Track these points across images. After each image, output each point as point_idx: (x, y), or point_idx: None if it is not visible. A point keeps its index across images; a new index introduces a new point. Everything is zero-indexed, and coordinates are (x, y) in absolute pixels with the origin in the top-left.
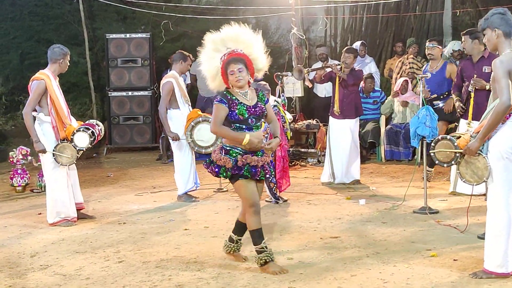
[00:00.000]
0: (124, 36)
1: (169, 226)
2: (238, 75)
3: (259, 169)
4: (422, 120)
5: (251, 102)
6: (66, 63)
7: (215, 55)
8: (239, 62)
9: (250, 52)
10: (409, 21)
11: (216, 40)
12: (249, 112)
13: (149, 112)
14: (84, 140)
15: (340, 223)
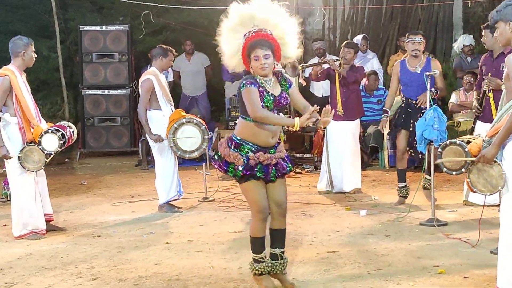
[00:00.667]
0: (99, 28)
1: (148, 240)
2: (264, 63)
3: (271, 168)
4: (429, 123)
5: (276, 92)
6: (30, 55)
7: (240, 30)
8: (266, 47)
9: (281, 37)
10: (416, 12)
11: (244, 14)
12: (275, 104)
13: (127, 112)
14: (53, 143)
15: (339, 236)
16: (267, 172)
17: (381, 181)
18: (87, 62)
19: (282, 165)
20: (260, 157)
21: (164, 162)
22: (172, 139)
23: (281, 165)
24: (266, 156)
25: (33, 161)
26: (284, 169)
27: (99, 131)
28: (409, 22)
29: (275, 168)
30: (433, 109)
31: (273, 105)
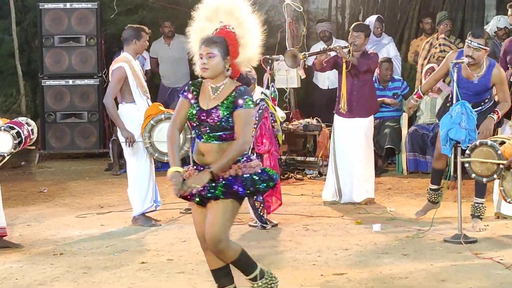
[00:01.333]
0: (63, 6)
1: (120, 259)
2: (204, 62)
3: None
4: (456, 120)
5: (210, 104)
6: None
7: (207, 26)
8: (213, 45)
9: (242, 34)
10: None
11: (210, 7)
12: (199, 118)
13: (95, 107)
14: (6, 144)
15: (347, 255)
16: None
17: (398, 190)
18: (48, 47)
19: (206, 188)
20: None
21: (139, 166)
22: (148, 140)
23: (205, 188)
24: (190, 171)
25: None
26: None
27: (62, 129)
28: (432, 0)
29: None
30: (460, 103)
31: (197, 119)
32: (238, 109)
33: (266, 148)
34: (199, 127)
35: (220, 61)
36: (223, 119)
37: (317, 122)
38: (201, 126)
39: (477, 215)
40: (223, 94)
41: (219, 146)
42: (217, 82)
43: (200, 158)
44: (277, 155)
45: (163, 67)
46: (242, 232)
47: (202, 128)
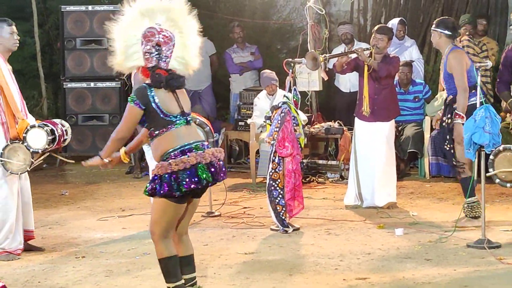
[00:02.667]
0: (85, 8)
1: (142, 262)
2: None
3: None
4: (480, 124)
5: None
6: (8, 39)
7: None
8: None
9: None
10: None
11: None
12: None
13: (117, 109)
14: (41, 140)
15: (370, 259)
16: None
17: (421, 194)
18: (70, 49)
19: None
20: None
21: None
22: None
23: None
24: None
25: (17, 161)
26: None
27: (83, 131)
28: (455, 3)
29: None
30: (484, 107)
31: None
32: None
33: (288, 152)
34: None
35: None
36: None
37: (339, 125)
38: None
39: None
40: None
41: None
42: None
43: None
44: (299, 159)
45: None
46: (264, 236)
47: None
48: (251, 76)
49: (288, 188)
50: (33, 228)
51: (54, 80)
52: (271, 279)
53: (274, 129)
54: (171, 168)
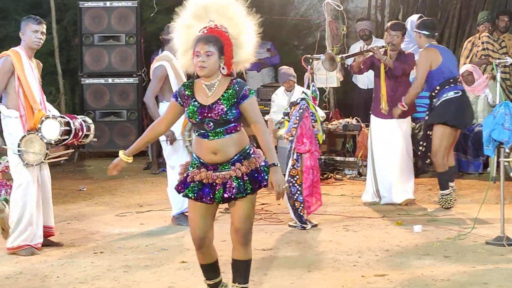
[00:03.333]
0: (103, 4)
1: (160, 258)
2: (203, 60)
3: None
4: (499, 121)
5: (209, 100)
6: (29, 35)
7: (195, 24)
8: (210, 43)
9: (237, 35)
10: None
11: (198, 5)
12: (201, 115)
13: (135, 105)
14: (54, 130)
15: (388, 256)
16: (204, 194)
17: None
18: (87, 45)
19: (231, 186)
20: (196, 175)
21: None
22: (188, 138)
23: (230, 186)
24: (205, 174)
25: (33, 152)
26: (232, 189)
27: (101, 127)
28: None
29: (223, 188)
30: (504, 104)
31: (199, 117)
32: (246, 100)
33: (306, 148)
34: (201, 125)
35: (216, 60)
36: (227, 112)
37: (356, 122)
38: (204, 123)
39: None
40: (221, 90)
41: (231, 139)
42: (210, 80)
43: (212, 158)
44: (317, 155)
45: None
46: (282, 232)
47: (206, 125)
48: (268, 72)
49: (306, 184)
50: (52, 224)
51: (71, 76)
52: (289, 275)
53: (292, 126)
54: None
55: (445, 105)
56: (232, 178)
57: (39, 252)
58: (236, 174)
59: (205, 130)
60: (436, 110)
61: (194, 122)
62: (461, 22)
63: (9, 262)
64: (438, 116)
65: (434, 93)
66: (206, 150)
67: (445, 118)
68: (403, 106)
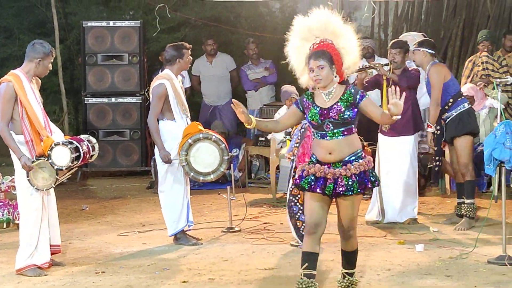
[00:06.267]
0: (106, 24)
1: (162, 277)
2: (317, 74)
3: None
4: (500, 140)
5: (328, 104)
6: (46, 65)
7: (304, 44)
8: (320, 58)
9: (341, 44)
10: (484, 7)
11: (302, 27)
12: (322, 116)
13: (138, 124)
14: (65, 157)
15: (390, 275)
16: (317, 185)
17: (441, 210)
18: (91, 65)
19: (340, 183)
20: (311, 169)
21: (173, 186)
22: (185, 157)
23: (340, 183)
24: (318, 168)
25: (42, 177)
26: (340, 187)
27: (104, 146)
28: (476, 18)
29: (334, 184)
30: (504, 123)
31: (320, 118)
32: (363, 100)
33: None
34: (321, 126)
35: (329, 70)
36: (345, 112)
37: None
38: (324, 124)
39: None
40: (337, 95)
41: (346, 140)
42: (327, 89)
43: (327, 157)
44: None
45: (205, 85)
46: (283, 251)
47: (325, 126)
48: (267, 92)
49: None
50: (59, 242)
51: (75, 95)
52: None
53: (294, 145)
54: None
55: (465, 115)
56: (342, 176)
57: (46, 273)
58: (346, 173)
59: (324, 131)
60: (456, 122)
61: (316, 123)
62: (464, 41)
63: (11, 282)
64: (463, 127)
65: (447, 107)
66: (322, 149)
67: (470, 128)
68: (430, 126)
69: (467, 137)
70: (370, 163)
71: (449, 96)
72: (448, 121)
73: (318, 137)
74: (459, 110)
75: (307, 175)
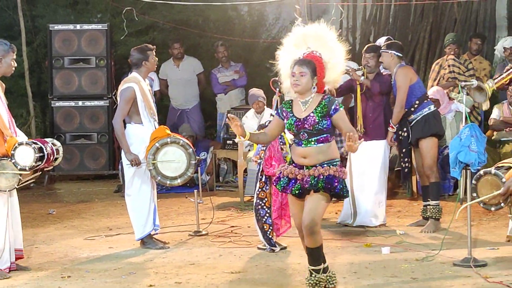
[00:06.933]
0: (73, 27)
1: (128, 281)
2: (296, 79)
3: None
4: (465, 143)
5: (303, 114)
6: (9, 63)
7: (295, 51)
8: (304, 65)
9: (329, 59)
10: (451, 10)
11: (297, 34)
12: (297, 126)
13: (105, 128)
14: (28, 157)
15: (356, 278)
16: (287, 187)
17: (408, 212)
18: (58, 68)
19: (306, 180)
20: (284, 171)
21: (140, 189)
22: (152, 161)
23: (306, 180)
24: (290, 170)
25: (5, 178)
26: (306, 183)
27: (71, 150)
28: (443, 21)
29: (300, 184)
30: (469, 126)
31: (295, 128)
32: (336, 112)
33: (275, 170)
34: (298, 135)
35: (309, 79)
36: (319, 123)
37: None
38: (300, 133)
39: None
40: (313, 104)
41: (320, 148)
42: (305, 97)
43: (301, 160)
44: None
45: (173, 89)
46: (250, 255)
47: (301, 135)
48: (236, 95)
49: (275, 207)
50: (22, 247)
51: (42, 98)
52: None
53: (261, 148)
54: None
55: (430, 117)
56: (310, 176)
57: (9, 275)
58: (313, 173)
59: (300, 140)
60: (422, 124)
61: (292, 133)
62: (431, 44)
63: None
64: (429, 128)
65: (413, 108)
66: (297, 155)
67: (435, 130)
68: (392, 127)
69: (432, 139)
70: (342, 173)
71: (415, 98)
72: (413, 123)
73: (295, 144)
74: (425, 112)
75: (282, 177)
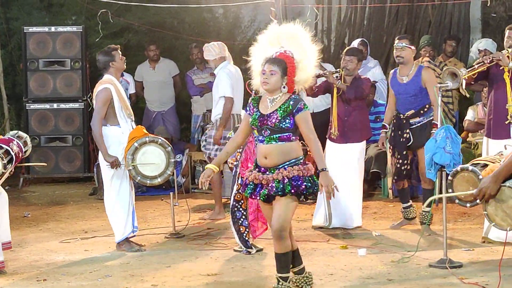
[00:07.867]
0: (48, 29)
1: (104, 284)
2: (266, 78)
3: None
4: (440, 145)
5: (268, 110)
6: None
7: (268, 49)
8: (275, 64)
9: (301, 59)
10: (425, 12)
11: (272, 32)
12: (261, 122)
13: (80, 130)
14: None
15: (332, 280)
16: (254, 192)
17: (384, 214)
18: (32, 70)
19: (272, 186)
20: (249, 177)
21: (119, 191)
22: (132, 163)
23: (272, 186)
24: (254, 175)
25: None
26: (272, 189)
27: (46, 152)
28: (417, 23)
29: (267, 189)
30: (444, 128)
31: (258, 124)
32: (300, 113)
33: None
34: (260, 131)
35: (279, 78)
36: (281, 121)
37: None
38: (262, 129)
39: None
40: (279, 102)
41: (281, 147)
42: (273, 95)
43: (263, 161)
44: None
45: (148, 91)
46: (227, 257)
47: (263, 132)
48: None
49: (251, 209)
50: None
51: (17, 101)
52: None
53: (237, 150)
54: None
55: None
56: (274, 180)
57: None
58: (277, 177)
59: (262, 136)
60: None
61: (255, 128)
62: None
63: None
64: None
65: (422, 111)
66: (260, 153)
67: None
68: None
69: None
70: (308, 170)
71: (428, 102)
72: (416, 127)
73: (258, 141)
74: (431, 117)
75: (248, 183)
